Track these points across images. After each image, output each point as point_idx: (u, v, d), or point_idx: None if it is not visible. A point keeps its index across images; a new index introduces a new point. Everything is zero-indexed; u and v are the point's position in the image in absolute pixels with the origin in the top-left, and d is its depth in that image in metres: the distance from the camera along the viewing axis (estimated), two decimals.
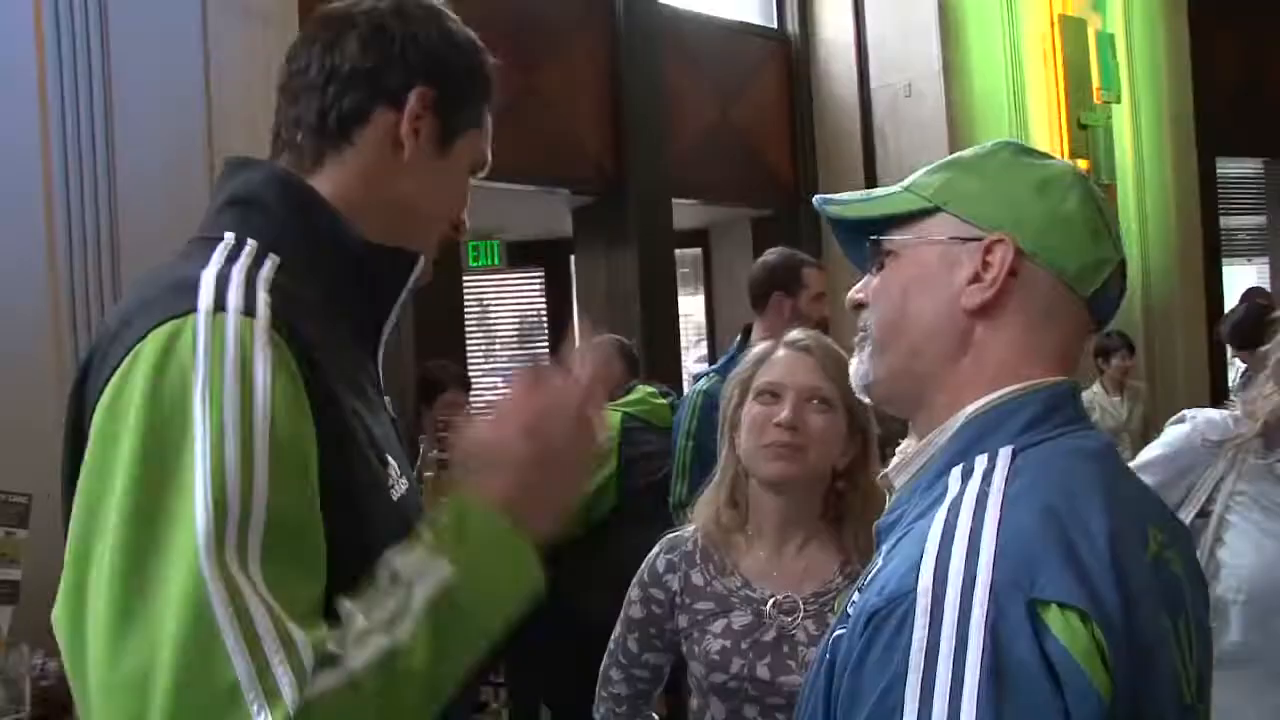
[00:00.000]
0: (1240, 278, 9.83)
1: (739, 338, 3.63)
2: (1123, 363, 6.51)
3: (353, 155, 1.17)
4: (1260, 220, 10.20)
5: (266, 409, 0.95)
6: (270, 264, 1.07)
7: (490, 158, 1.29)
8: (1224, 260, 9.27)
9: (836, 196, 1.21)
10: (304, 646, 0.90)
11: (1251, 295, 9.37)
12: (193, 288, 1.01)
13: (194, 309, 0.98)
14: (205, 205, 1.18)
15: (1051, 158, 1.15)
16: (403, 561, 1.00)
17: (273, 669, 0.88)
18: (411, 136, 1.18)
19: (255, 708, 0.86)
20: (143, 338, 0.97)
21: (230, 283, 1.02)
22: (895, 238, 1.13)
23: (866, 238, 1.15)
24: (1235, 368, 9.26)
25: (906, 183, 1.15)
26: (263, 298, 1.01)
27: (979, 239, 1.07)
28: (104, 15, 3.84)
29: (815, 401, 1.86)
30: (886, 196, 1.16)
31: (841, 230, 1.21)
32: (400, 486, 1.12)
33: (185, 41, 3.95)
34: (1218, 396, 8.68)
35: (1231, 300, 9.30)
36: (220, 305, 0.99)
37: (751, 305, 3.58)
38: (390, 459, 1.12)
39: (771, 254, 3.66)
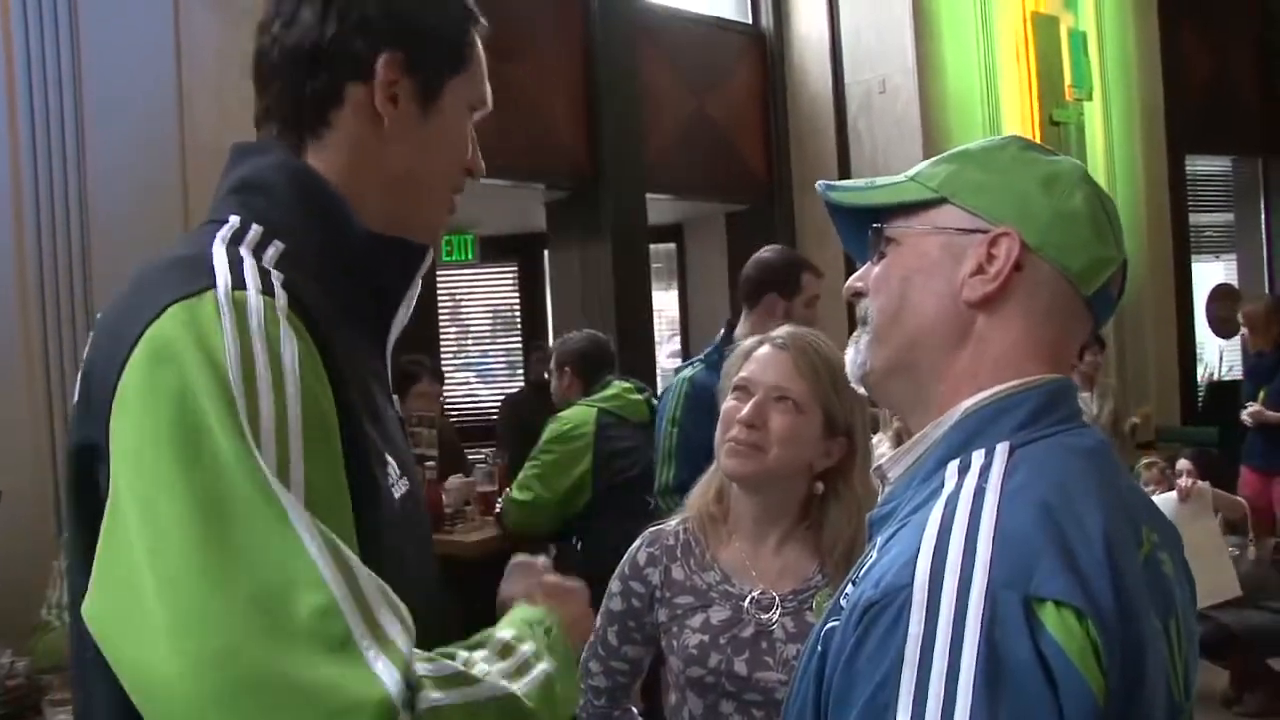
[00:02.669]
0: (1209, 274, 9.94)
1: (723, 332, 3.61)
2: (1094, 358, 6.58)
3: (334, 138, 1.13)
4: (1228, 217, 10.32)
5: (298, 389, 0.91)
6: (274, 250, 1.04)
7: (489, 94, 1.23)
8: (1193, 257, 9.36)
9: (840, 183, 1.20)
10: (404, 620, 0.89)
11: (1220, 291, 9.50)
12: (206, 265, 0.98)
13: (211, 285, 0.95)
14: (176, 197, 1.17)
15: (1057, 154, 1.15)
16: (514, 635, 1.07)
17: (378, 615, 0.85)
18: (389, 105, 1.12)
19: (360, 637, 0.82)
20: (157, 316, 0.93)
21: (244, 264, 0.99)
22: (899, 226, 1.12)
23: (867, 226, 1.14)
24: (1204, 364, 9.39)
25: (911, 172, 1.15)
26: (278, 278, 0.99)
27: (984, 231, 1.07)
28: (74, 5, 3.80)
29: (781, 401, 1.84)
30: (891, 185, 1.15)
31: (841, 218, 1.20)
32: (400, 486, 1.08)
33: (156, 30, 3.92)
34: (1187, 392, 8.78)
35: (1200, 296, 9.41)
36: (239, 284, 0.96)
37: (742, 300, 3.50)
38: (390, 458, 1.08)
39: (769, 253, 3.57)
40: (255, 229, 1.05)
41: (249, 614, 0.80)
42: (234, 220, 1.06)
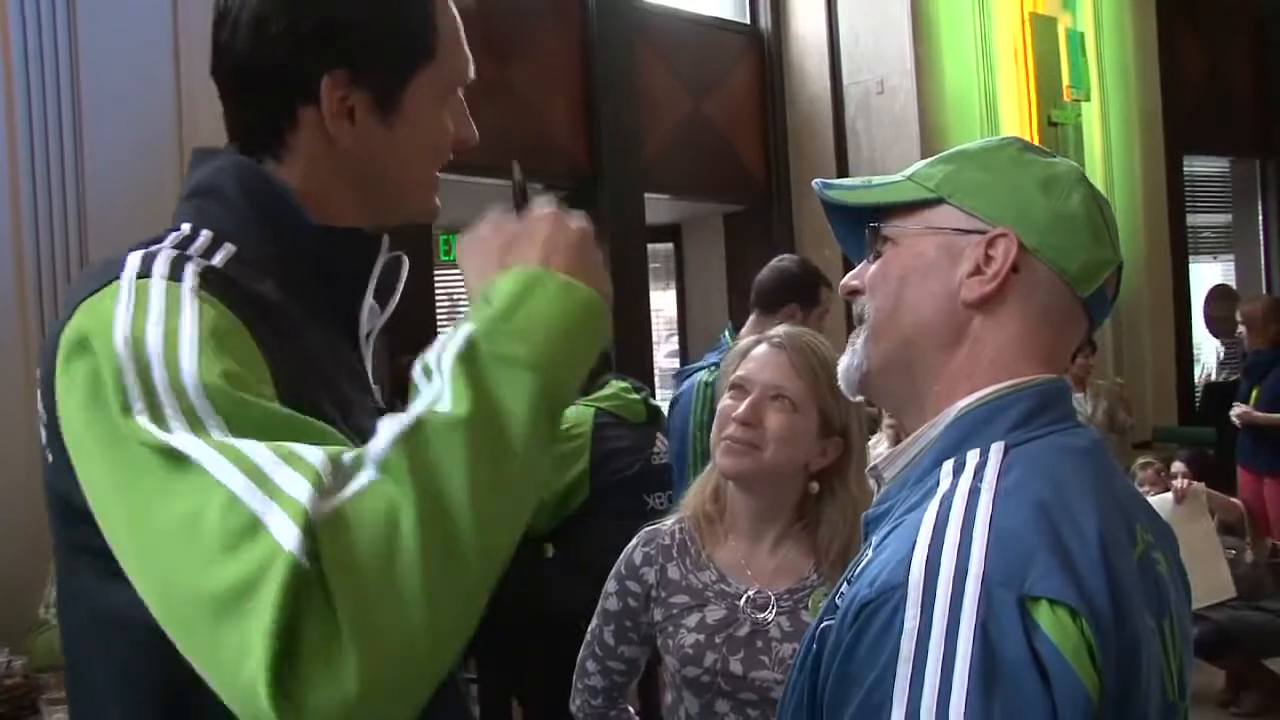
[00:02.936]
0: (1207, 275, 9.95)
1: (728, 333, 3.60)
2: (1085, 360, 6.59)
3: (292, 157, 1.11)
4: (1226, 218, 10.34)
5: (194, 337, 0.89)
6: (224, 253, 1.03)
7: (469, 67, 1.17)
8: (1191, 257, 9.37)
9: (838, 182, 1.21)
10: (313, 456, 0.80)
11: (1218, 292, 9.51)
12: (116, 263, 0.98)
13: (116, 278, 0.95)
14: (175, 195, 1.16)
15: (1055, 156, 1.15)
16: (429, 360, 0.88)
17: (274, 479, 0.78)
18: (343, 122, 1.08)
19: (261, 510, 0.77)
20: (70, 318, 0.95)
21: (157, 257, 0.98)
22: (896, 226, 1.12)
23: (864, 224, 1.15)
24: (1201, 364, 9.39)
25: (909, 172, 1.15)
26: (191, 269, 0.97)
27: (982, 232, 1.07)
28: (72, 3, 3.80)
29: (777, 399, 1.84)
30: (889, 184, 1.15)
31: (837, 216, 1.20)
32: None
33: (155, 30, 3.91)
34: (1185, 393, 8.79)
35: (1198, 297, 9.43)
36: (144, 273, 0.96)
37: (758, 306, 3.49)
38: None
39: (790, 263, 3.57)
40: (205, 234, 1.04)
41: (177, 560, 0.79)
42: (185, 228, 1.06)
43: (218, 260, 1.02)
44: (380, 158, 1.12)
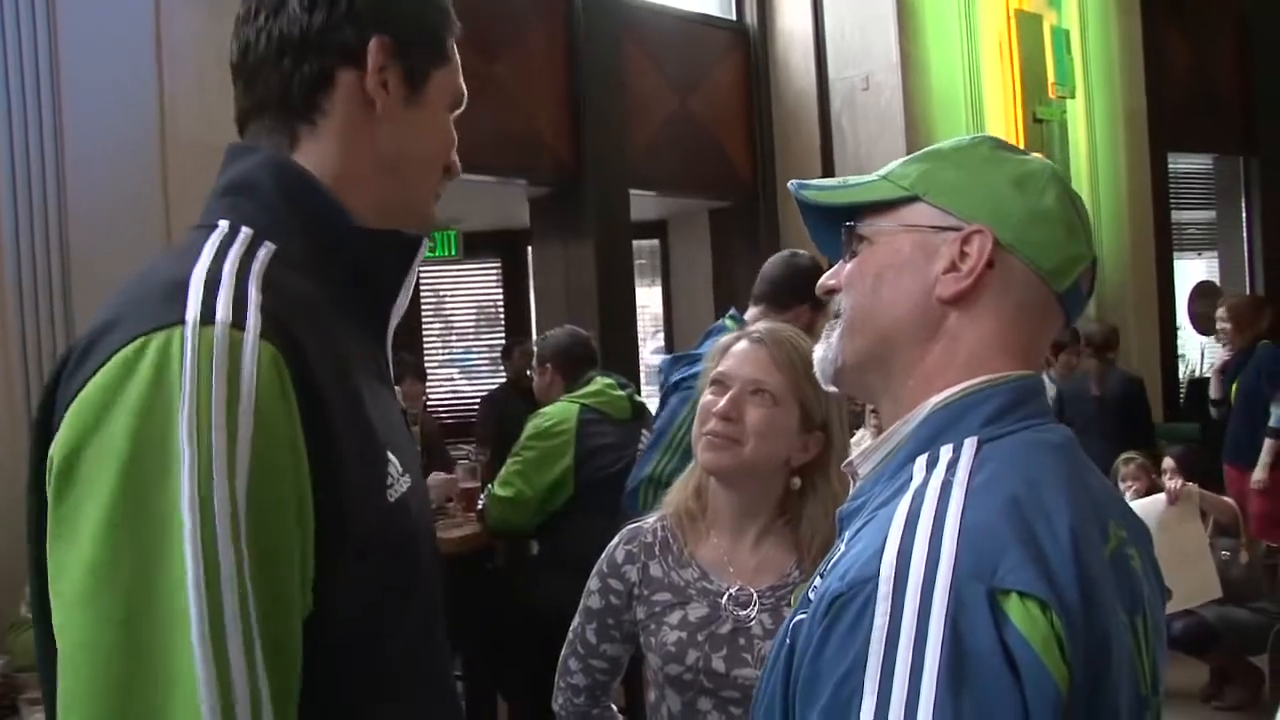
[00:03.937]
0: (1191, 271, 10.00)
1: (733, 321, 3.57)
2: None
3: (326, 125, 1.12)
4: (1210, 215, 10.39)
5: (247, 456, 0.91)
6: (265, 252, 1.03)
7: (465, 92, 1.23)
8: (1175, 254, 9.41)
9: (813, 182, 1.21)
10: None
11: (1202, 289, 9.56)
12: (181, 291, 0.96)
13: (181, 320, 0.93)
14: (156, 192, 1.16)
15: (1029, 153, 1.16)
16: None
17: None
18: (380, 90, 1.12)
19: None
20: (125, 344, 0.93)
21: (220, 286, 0.97)
22: (872, 224, 1.13)
23: (839, 224, 1.15)
24: (1185, 360, 9.43)
25: (884, 171, 1.16)
26: (254, 301, 0.96)
27: (957, 229, 1.08)
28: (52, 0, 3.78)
29: (758, 394, 1.84)
30: (864, 184, 1.16)
31: (813, 216, 1.21)
32: (401, 485, 1.07)
33: (136, 25, 3.90)
34: (1169, 389, 8.83)
35: (1183, 293, 9.47)
36: (208, 316, 0.94)
37: (765, 301, 3.26)
38: (391, 455, 1.07)
39: (804, 260, 3.33)
40: (245, 232, 1.05)
41: None
42: (223, 225, 1.06)
43: (260, 259, 1.02)
44: (404, 135, 1.15)
